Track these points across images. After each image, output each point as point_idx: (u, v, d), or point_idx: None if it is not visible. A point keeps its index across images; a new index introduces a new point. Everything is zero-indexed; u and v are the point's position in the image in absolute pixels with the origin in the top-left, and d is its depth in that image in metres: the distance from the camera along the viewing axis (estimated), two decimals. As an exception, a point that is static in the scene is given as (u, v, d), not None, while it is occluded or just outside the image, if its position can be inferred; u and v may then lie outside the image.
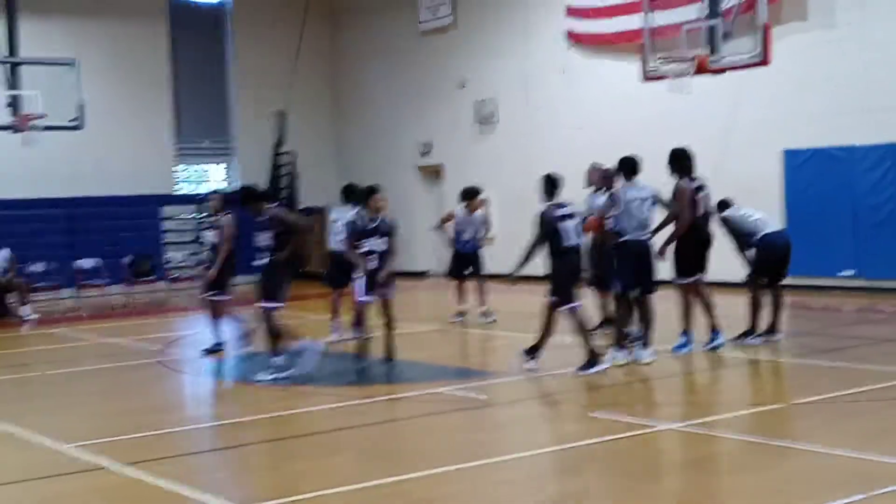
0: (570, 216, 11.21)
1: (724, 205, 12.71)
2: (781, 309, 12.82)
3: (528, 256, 11.22)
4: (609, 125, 20.82)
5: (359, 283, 12.11)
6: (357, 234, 11.97)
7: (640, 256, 11.60)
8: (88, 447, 8.70)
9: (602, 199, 12.81)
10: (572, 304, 11.12)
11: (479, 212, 16.09)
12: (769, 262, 12.55)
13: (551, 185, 11.31)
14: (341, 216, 13.82)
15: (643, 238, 11.62)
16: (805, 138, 18.38)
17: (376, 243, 11.86)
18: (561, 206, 11.21)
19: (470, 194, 16.08)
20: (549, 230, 11.07)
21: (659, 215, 11.94)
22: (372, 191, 12.20)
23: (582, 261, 11.73)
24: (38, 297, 20.60)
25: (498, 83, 23.90)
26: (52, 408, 10.92)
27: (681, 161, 12.06)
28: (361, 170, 26.89)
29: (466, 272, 16.10)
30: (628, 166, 11.79)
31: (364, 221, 12.00)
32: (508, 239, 17.61)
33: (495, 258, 17.21)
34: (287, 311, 18.97)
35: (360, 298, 12.07)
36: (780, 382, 11.30)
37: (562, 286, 11.14)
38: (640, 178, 11.82)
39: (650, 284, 11.75)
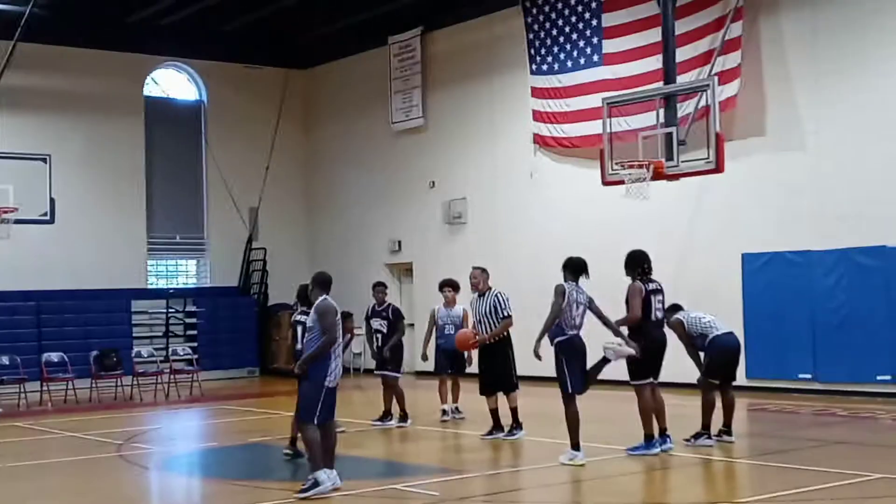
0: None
1: (674, 308, 13.01)
2: (733, 409, 13.05)
3: None
4: (575, 227, 21.22)
5: None
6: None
7: (583, 352, 11.84)
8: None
9: (487, 301, 13.79)
10: None
11: (459, 306, 16.18)
12: (720, 363, 12.82)
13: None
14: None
15: (580, 335, 11.88)
16: (763, 242, 18.82)
17: None
18: None
19: (442, 284, 16.28)
20: None
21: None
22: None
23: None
24: (4, 389, 20.66)
25: (467, 184, 24.36)
26: (10, 500, 11.01)
27: (635, 264, 12.39)
28: (332, 267, 27.02)
29: (451, 370, 16.11)
30: (574, 268, 12.09)
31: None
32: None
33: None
34: (256, 408, 19.24)
35: None
36: (728, 482, 11.48)
37: None
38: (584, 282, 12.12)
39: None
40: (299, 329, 12.23)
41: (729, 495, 10.64)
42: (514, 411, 13.98)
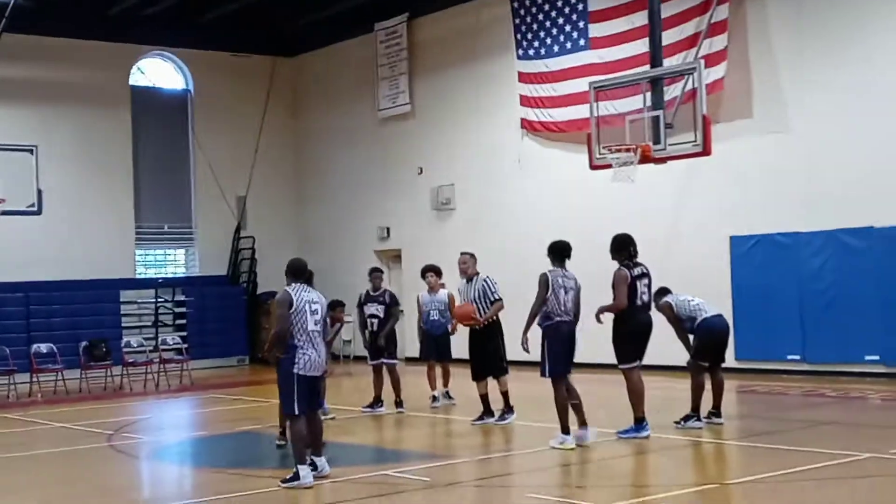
0: None
1: (663, 292, 13.02)
2: (722, 391, 13.08)
3: None
4: (563, 212, 21.22)
5: None
6: None
7: (571, 339, 11.87)
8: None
9: (475, 286, 13.84)
10: None
11: (443, 291, 16.21)
12: (709, 345, 12.84)
13: None
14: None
15: (571, 320, 11.91)
16: (750, 225, 18.85)
17: None
18: None
19: (424, 270, 16.28)
20: None
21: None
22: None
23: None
24: (-7, 381, 20.63)
25: (454, 170, 24.35)
26: (1, 492, 11.00)
27: (621, 248, 12.40)
28: (321, 254, 27.18)
29: (437, 355, 16.13)
30: (558, 251, 12.11)
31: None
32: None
33: (453, 342, 17.24)
34: (246, 396, 19.25)
35: None
36: (717, 464, 11.54)
37: None
38: (571, 265, 12.17)
39: (570, 366, 12.02)
40: None
41: (719, 477, 10.68)
42: (504, 395, 14.00)
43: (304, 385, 10.31)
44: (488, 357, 13.89)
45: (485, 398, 14.04)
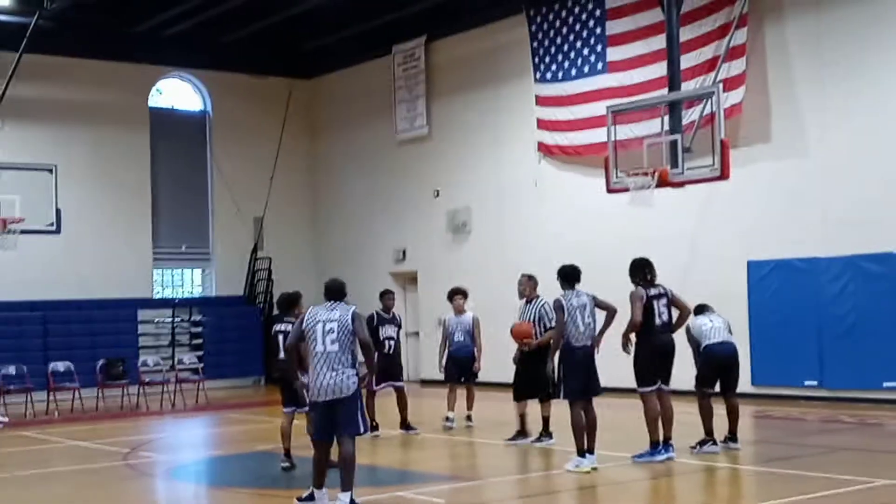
0: None
1: (698, 309, 13.04)
2: (737, 417, 13.00)
3: None
4: (580, 235, 21.18)
5: None
6: None
7: (586, 362, 11.86)
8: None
9: (533, 308, 13.84)
10: None
11: (468, 314, 16.15)
12: (710, 371, 12.76)
13: None
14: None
15: (588, 344, 11.90)
16: (768, 250, 18.80)
17: None
18: None
19: (452, 292, 16.26)
20: None
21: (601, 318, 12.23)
22: None
23: None
24: (11, 399, 20.66)
25: (471, 192, 24.37)
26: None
27: (637, 271, 12.42)
28: (337, 276, 27.17)
29: (461, 378, 16.00)
30: (569, 276, 12.14)
31: None
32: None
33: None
34: (262, 416, 19.26)
35: None
36: (733, 489, 11.48)
37: None
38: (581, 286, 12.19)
39: (595, 389, 12.00)
40: (280, 338, 12.65)
41: (734, 502, 10.64)
42: (545, 420, 13.90)
43: (314, 410, 9.95)
44: (532, 380, 13.73)
45: (522, 418, 13.99)
